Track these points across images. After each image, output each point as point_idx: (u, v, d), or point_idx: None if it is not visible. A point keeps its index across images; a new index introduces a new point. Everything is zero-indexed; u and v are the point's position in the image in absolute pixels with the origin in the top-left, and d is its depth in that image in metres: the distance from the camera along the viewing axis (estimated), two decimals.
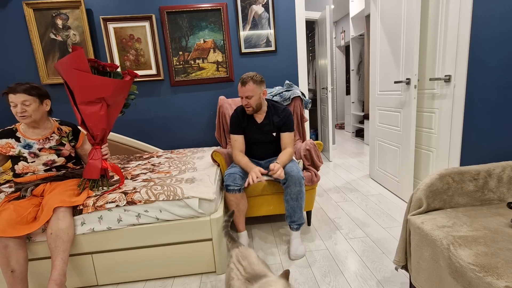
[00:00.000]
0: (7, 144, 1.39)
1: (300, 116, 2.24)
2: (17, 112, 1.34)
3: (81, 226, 1.34)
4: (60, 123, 1.54)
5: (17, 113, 1.34)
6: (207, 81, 2.51)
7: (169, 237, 1.40)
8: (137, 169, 1.86)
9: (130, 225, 1.38)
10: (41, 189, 1.40)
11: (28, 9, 2.24)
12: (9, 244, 1.19)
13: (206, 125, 2.62)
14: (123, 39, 2.38)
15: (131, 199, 1.35)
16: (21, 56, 2.36)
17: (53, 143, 1.46)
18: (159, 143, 2.61)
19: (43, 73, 2.36)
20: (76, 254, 1.38)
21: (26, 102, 1.34)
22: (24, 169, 1.41)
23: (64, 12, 2.29)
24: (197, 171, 1.72)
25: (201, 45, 2.45)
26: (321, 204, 2.21)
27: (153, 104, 2.54)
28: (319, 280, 1.35)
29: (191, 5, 2.37)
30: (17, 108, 1.33)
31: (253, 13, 2.45)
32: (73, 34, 2.33)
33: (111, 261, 1.40)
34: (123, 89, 1.47)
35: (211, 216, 1.41)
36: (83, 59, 1.29)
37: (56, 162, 1.47)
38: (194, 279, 1.44)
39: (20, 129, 1.43)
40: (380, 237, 1.67)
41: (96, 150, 1.44)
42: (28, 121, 1.38)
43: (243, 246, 1.08)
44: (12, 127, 1.43)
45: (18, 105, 1.33)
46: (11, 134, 1.40)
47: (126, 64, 2.42)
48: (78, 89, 1.32)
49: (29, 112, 1.36)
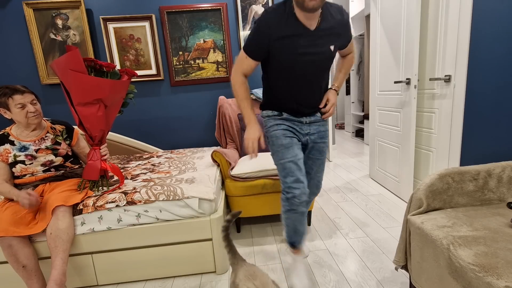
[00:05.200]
0: (5, 151, 1.35)
1: None
2: (29, 112, 1.33)
3: (81, 226, 1.34)
4: (52, 122, 1.53)
5: (29, 113, 1.33)
6: (207, 81, 2.51)
7: (169, 237, 1.40)
8: (137, 169, 1.86)
9: (130, 225, 1.38)
10: (41, 190, 1.40)
11: (28, 9, 2.24)
12: (12, 243, 1.20)
13: (206, 125, 2.62)
14: (123, 39, 2.38)
15: (131, 199, 1.35)
16: (21, 56, 2.36)
17: (48, 142, 1.45)
18: (159, 143, 2.61)
19: (43, 73, 2.36)
20: (76, 254, 1.38)
21: (33, 101, 1.37)
22: (22, 171, 1.40)
23: (64, 12, 2.29)
24: (197, 171, 1.72)
25: (201, 45, 2.45)
26: (321, 204, 2.21)
27: (153, 104, 2.54)
28: (319, 280, 1.35)
29: (191, 5, 2.37)
30: (28, 107, 1.33)
31: (253, 13, 2.45)
32: (73, 34, 2.33)
33: (111, 261, 1.40)
34: (121, 90, 1.44)
35: (211, 216, 1.41)
36: (79, 60, 1.25)
37: (54, 162, 1.46)
38: (194, 279, 1.44)
39: (12, 133, 1.40)
40: (380, 237, 1.67)
41: (95, 151, 1.43)
42: (39, 121, 1.38)
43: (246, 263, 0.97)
44: (3, 132, 1.39)
45: (28, 104, 1.33)
46: (5, 140, 1.37)
47: (126, 64, 2.42)
48: (75, 90, 1.30)
49: (39, 110, 1.39)
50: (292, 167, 1.17)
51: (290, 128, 1.22)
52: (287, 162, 1.17)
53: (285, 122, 1.23)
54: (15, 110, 1.31)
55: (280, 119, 1.23)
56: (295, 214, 1.20)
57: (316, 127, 1.27)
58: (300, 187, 1.16)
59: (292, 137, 1.21)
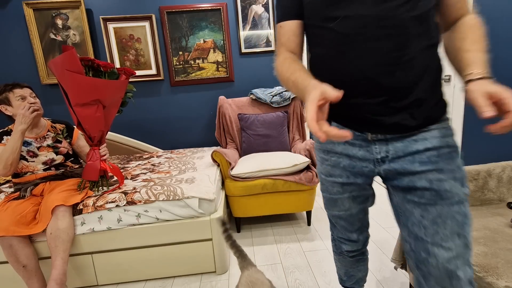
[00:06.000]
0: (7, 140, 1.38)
1: (300, 116, 2.24)
2: (29, 103, 1.34)
3: (81, 226, 1.34)
4: (52, 121, 1.55)
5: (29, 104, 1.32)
6: (207, 81, 2.51)
7: (169, 237, 1.40)
8: (137, 169, 1.86)
9: (130, 225, 1.38)
10: (41, 189, 1.40)
11: (28, 9, 2.24)
12: (12, 243, 1.20)
13: (206, 125, 2.62)
14: (123, 39, 2.38)
15: (131, 199, 1.35)
16: (21, 56, 2.36)
17: (49, 141, 1.47)
18: (159, 143, 2.61)
19: (43, 73, 2.36)
20: (76, 254, 1.38)
21: (32, 94, 1.40)
22: (23, 168, 1.41)
23: (64, 12, 2.29)
24: (197, 171, 1.72)
25: (201, 45, 2.45)
26: (321, 204, 2.21)
27: (153, 104, 2.54)
28: (318, 280, 1.35)
29: (191, 5, 2.37)
30: (28, 99, 1.36)
31: (253, 13, 2.45)
32: (73, 34, 2.33)
33: (111, 261, 1.40)
34: (119, 90, 1.43)
35: (211, 216, 1.41)
36: (75, 60, 1.23)
37: (55, 160, 1.47)
38: (194, 279, 1.44)
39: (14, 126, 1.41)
40: (380, 237, 1.67)
41: (94, 151, 1.43)
42: (39, 114, 1.37)
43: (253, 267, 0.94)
44: (7, 129, 1.42)
45: (27, 96, 1.37)
46: (8, 134, 1.39)
47: (126, 64, 2.42)
48: (72, 91, 1.29)
49: (39, 104, 1.40)
50: (339, 223, 0.85)
51: (340, 163, 0.71)
52: (332, 216, 0.86)
53: (333, 150, 0.72)
54: (16, 103, 1.34)
55: (325, 143, 0.74)
56: (345, 259, 0.94)
57: (406, 143, 0.63)
58: (350, 245, 0.88)
59: (343, 183, 0.73)
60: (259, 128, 2.13)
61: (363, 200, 0.78)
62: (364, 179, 0.72)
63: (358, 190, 0.74)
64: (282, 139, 2.14)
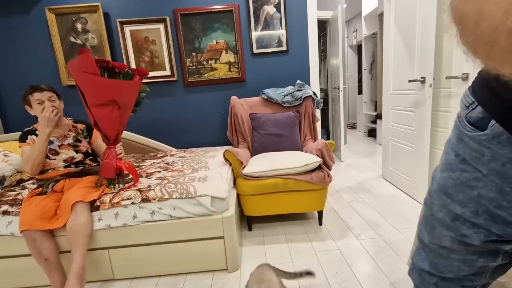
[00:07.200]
0: (32, 140, 1.45)
1: (311, 116, 2.23)
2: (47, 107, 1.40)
3: (98, 222, 1.39)
4: (74, 121, 1.63)
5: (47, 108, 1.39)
6: (219, 81, 2.54)
7: (182, 234, 1.43)
8: (151, 168, 1.91)
9: (145, 221, 1.42)
10: (61, 185, 1.47)
11: (50, 14, 2.34)
12: (36, 236, 1.26)
13: (219, 125, 2.65)
14: (138, 41, 2.45)
15: (146, 197, 1.39)
16: (44, 58, 2.47)
17: (70, 140, 1.55)
18: (172, 142, 2.67)
19: (63, 75, 2.46)
20: (93, 249, 1.43)
21: (52, 98, 1.45)
22: (46, 165, 1.48)
23: (83, 16, 2.38)
24: (209, 170, 1.75)
25: (214, 46, 2.48)
26: (332, 204, 2.19)
27: (167, 105, 2.60)
28: (330, 281, 1.34)
29: (204, 7, 2.41)
30: (46, 104, 1.42)
31: (265, 13, 2.46)
32: (91, 37, 2.42)
33: (127, 256, 1.45)
34: (133, 90, 1.48)
35: (223, 215, 1.43)
36: (91, 62, 1.28)
37: (75, 158, 1.54)
38: (206, 276, 1.46)
39: (38, 128, 1.48)
40: (393, 239, 1.65)
41: (110, 150, 1.48)
42: (58, 117, 1.44)
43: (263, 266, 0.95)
44: (31, 128, 1.49)
45: (46, 101, 1.42)
46: (33, 133, 1.47)
47: (141, 66, 2.49)
48: (88, 92, 1.34)
49: (57, 106, 1.45)
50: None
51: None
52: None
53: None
54: (35, 106, 1.42)
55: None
56: None
57: None
58: None
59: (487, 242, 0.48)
60: (270, 127, 2.14)
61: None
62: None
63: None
64: (294, 138, 2.14)
